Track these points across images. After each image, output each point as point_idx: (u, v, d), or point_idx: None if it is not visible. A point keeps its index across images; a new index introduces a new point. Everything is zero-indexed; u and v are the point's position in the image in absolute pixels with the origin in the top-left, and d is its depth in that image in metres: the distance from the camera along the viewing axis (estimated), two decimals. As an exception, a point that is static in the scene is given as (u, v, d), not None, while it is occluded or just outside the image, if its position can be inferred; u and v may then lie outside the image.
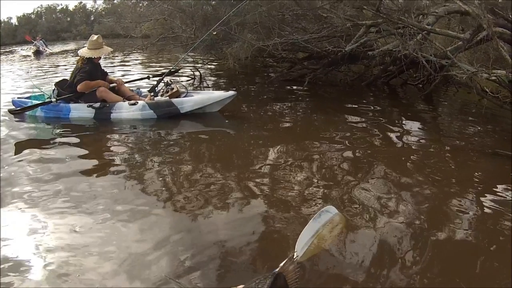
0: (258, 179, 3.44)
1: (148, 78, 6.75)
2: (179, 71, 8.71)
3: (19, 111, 5.34)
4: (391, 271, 2.19)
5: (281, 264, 0.78)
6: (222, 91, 5.67)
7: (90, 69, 5.36)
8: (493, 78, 4.77)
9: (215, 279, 2.09)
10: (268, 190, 3.21)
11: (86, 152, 4.22)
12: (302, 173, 3.58)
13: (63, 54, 19.82)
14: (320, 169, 3.71)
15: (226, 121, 5.46)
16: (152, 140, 4.69)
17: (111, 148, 4.39)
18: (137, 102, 5.33)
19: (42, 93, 5.77)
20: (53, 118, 5.39)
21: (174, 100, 5.38)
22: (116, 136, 4.76)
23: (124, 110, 5.32)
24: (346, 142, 4.51)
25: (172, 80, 6.08)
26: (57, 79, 6.00)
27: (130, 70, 11.35)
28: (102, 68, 5.81)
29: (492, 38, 4.36)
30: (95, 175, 3.57)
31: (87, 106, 5.33)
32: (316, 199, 3.06)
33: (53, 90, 5.56)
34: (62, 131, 4.96)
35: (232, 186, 3.29)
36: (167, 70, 6.50)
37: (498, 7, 4.88)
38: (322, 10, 6.70)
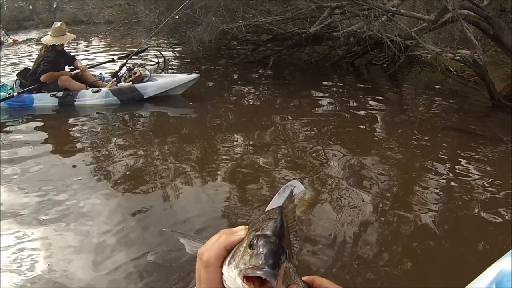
0: (223, 157, 3.35)
1: (113, 60, 6.25)
2: (143, 56, 8.28)
3: None
4: (358, 244, 2.10)
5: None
6: (185, 74, 5.40)
7: (53, 58, 5.00)
8: (458, 58, 4.62)
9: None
10: (233, 168, 3.12)
11: (50, 137, 4.04)
12: (267, 151, 3.45)
13: (27, 42, 18.60)
14: (284, 146, 3.56)
15: (190, 103, 5.21)
16: (116, 124, 4.45)
17: (75, 133, 4.16)
18: (100, 89, 5.03)
19: (3, 84, 5.25)
20: (17, 108, 4.99)
21: (137, 85, 5.06)
22: (80, 121, 4.50)
23: (87, 98, 5.03)
24: (311, 119, 4.34)
25: (134, 65, 5.72)
26: (19, 69, 5.61)
27: (92, 55, 10.59)
28: (68, 53, 5.46)
29: (457, 20, 4.17)
30: (59, 159, 3.42)
31: (50, 96, 5.01)
32: (281, 174, 2.97)
33: (15, 80, 5.18)
34: (25, 119, 4.64)
35: (198, 164, 3.19)
36: (131, 52, 6.12)
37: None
38: (287, -8, 6.36)
